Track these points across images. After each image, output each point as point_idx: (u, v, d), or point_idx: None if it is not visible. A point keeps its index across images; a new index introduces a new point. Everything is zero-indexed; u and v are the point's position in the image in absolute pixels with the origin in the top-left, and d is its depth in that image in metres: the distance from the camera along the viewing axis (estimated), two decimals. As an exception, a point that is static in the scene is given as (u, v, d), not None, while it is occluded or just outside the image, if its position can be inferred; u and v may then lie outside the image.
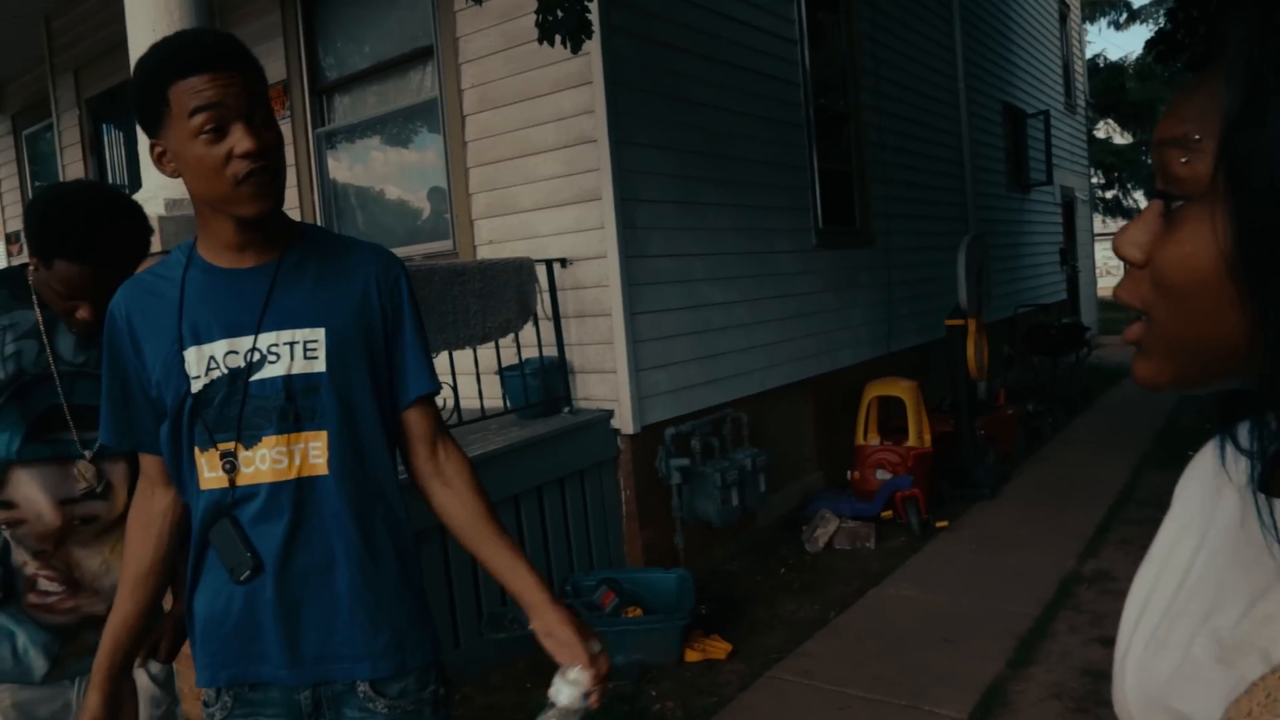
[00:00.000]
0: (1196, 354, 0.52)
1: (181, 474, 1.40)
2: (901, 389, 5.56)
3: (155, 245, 2.53)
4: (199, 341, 1.37)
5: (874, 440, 5.57)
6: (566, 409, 4.24)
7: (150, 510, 1.47)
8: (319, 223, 5.33)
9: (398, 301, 1.45)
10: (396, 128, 5.22)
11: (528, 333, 4.12)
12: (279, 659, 1.38)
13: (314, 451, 1.36)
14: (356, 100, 5.33)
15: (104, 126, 7.15)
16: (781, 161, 5.49)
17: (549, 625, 1.38)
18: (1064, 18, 13.03)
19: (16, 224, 8.36)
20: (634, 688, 3.33)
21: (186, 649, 1.90)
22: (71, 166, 7.34)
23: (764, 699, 3.27)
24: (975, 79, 8.66)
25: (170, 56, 1.29)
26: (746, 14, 5.17)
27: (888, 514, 5.19)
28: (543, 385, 4.14)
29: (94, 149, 7.14)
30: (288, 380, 1.35)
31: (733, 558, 4.81)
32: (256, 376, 1.35)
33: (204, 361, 1.36)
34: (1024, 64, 10.55)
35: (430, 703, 1.45)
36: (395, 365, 1.45)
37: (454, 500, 1.46)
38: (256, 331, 1.36)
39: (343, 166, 5.48)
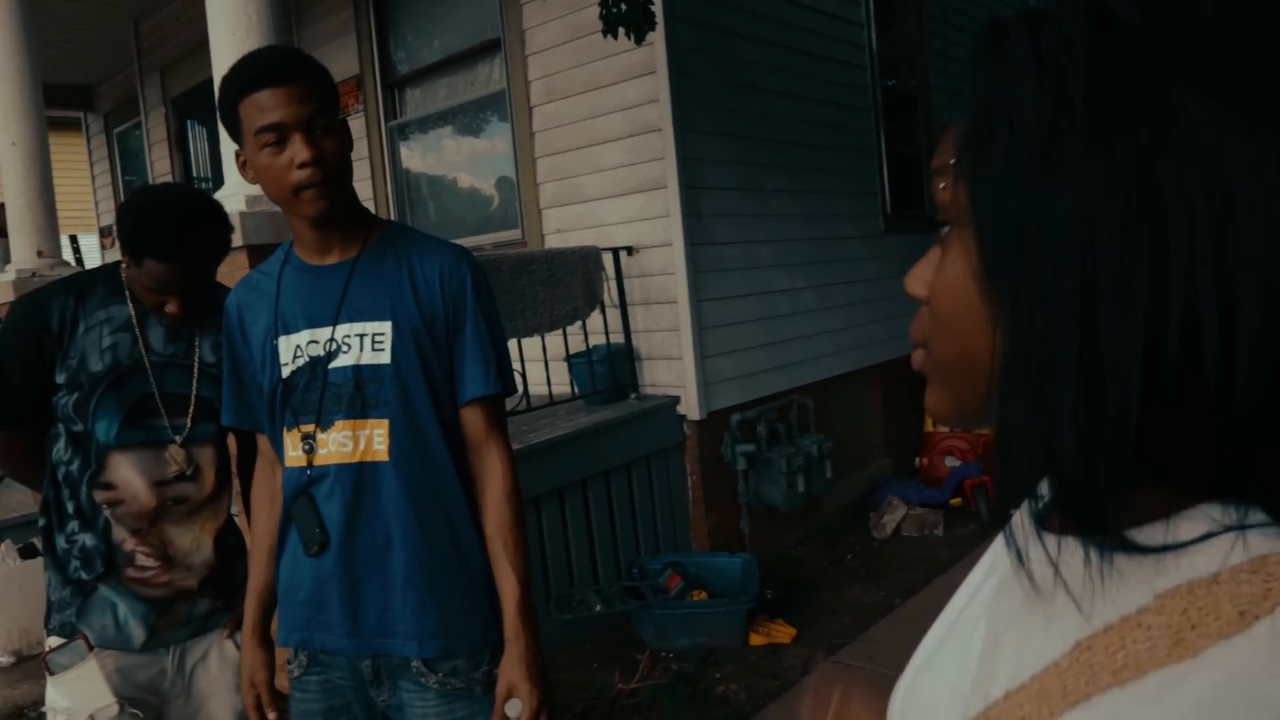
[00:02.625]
0: (968, 380, 0.50)
1: (277, 452, 1.55)
2: (971, 375, 5.47)
3: (236, 240, 2.65)
4: (287, 331, 1.51)
5: (943, 427, 5.51)
6: (633, 395, 4.30)
7: (272, 486, 1.63)
8: (392, 213, 5.48)
9: (461, 302, 1.51)
10: (466, 119, 5.33)
11: (595, 320, 4.18)
12: (340, 629, 1.50)
13: (377, 438, 1.47)
14: (427, 93, 5.45)
15: (188, 123, 7.43)
16: (848, 146, 5.44)
17: (506, 662, 1.48)
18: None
19: (109, 218, 8.75)
20: (698, 670, 3.38)
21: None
22: (158, 162, 7.65)
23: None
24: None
25: (237, 75, 1.42)
26: (812, -2, 5.13)
27: (956, 501, 5.14)
28: (610, 372, 4.20)
29: (179, 145, 7.43)
30: (356, 370, 1.47)
31: (798, 543, 4.82)
32: (333, 364, 1.47)
33: (291, 349, 1.50)
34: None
35: (482, 682, 1.52)
36: (455, 364, 1.52)
37: (483, 509, 1.53)
38: (334, 323, 1.47)
39: (414, 158, 5.62)
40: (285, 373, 1.50)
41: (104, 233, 8.88)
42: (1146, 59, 0.40)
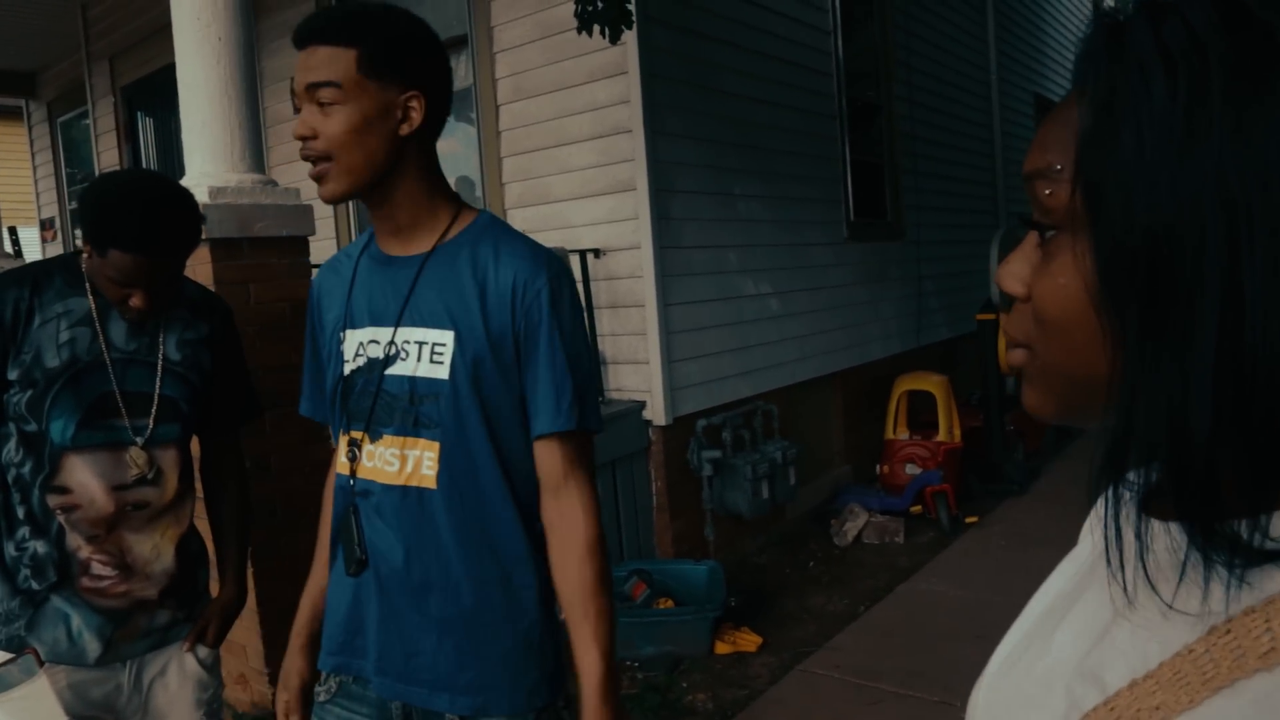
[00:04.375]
0: (1077, 387, 0.50)
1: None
2: (932, 383, 5.53)
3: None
4: (354, 325, 1.37)
5: (904, 434, 5.54)
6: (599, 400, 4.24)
7: None
8: (351, 210, 5.36)
9: (535, 318, 1.29)
10: (429, 117, 5.22)
11: (560, 323, 4.12)
12: (372, 662, 1.36)
13: (426, 462, 1.30)
14: (389, 89, 5.33)
15: (139, 114, 7.20)
16: (814, 153, 5.45)
17: None
18: (1098, 5, 12.85)
19: (51, 210, 8.46)
20: (666, 679, 3.34)
21: (230, 637, 1.93)
22: (106, 154, 7.41)
23: (795, 692, 3.27)
24: (1008, 70, 8.55)
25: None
26: (782, 4, 5.13)
27: (917, 509, 5.17)
28: (575, 376, 4.13)
29: (129, 137, 7.20)
30: (413, 381, 1.30)
31: (762, 550, 4.80)
32: (391, 371, 1.32)
33: (354, 346, 1.36)
34: (1056, 55, 10.41)
35: None
36: (526, 393, 1.31)
37: (557, 564, 1.33)
38: (396, 324, 1.32)
39: (375, 155, 5.49)
40: (346, 370, 1.36)
41: (45, 225, 8.57)
42: None
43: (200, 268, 2.70)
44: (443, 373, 1.29)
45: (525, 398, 1.31)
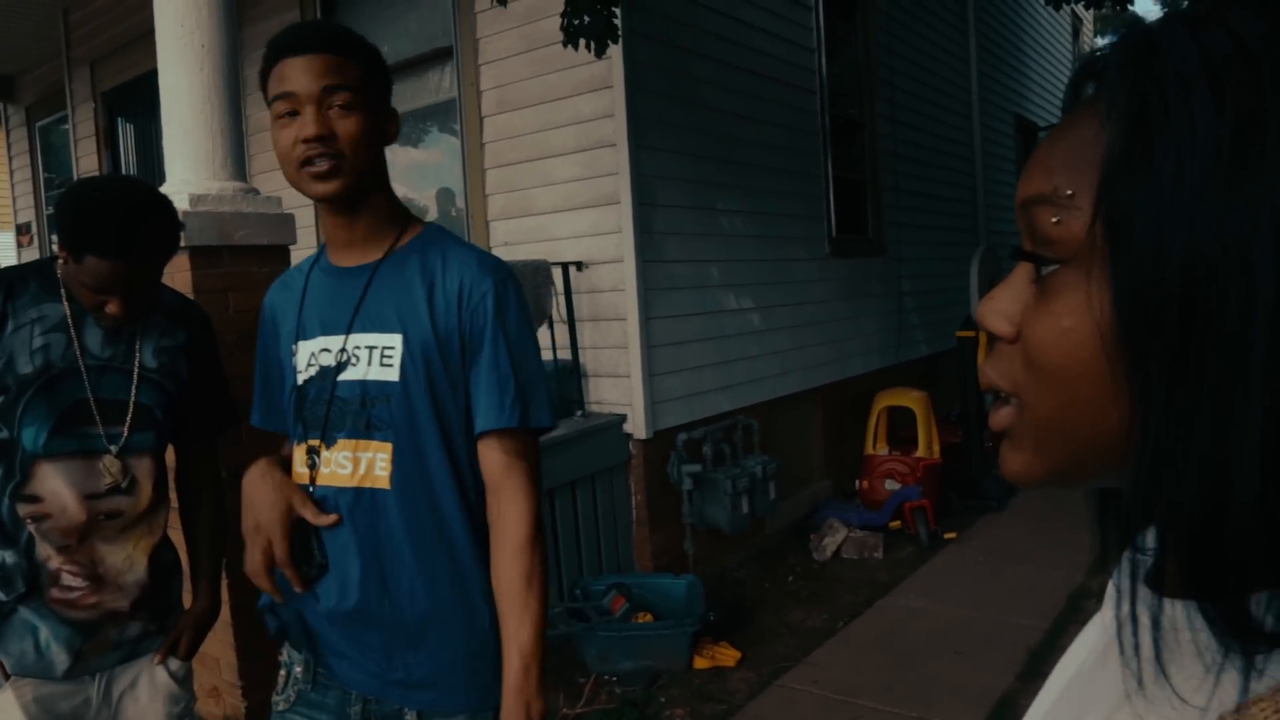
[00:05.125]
0: (1075, 446, 0.44)
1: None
2: (912, 399, 5.55)
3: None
4: (305, 336, 1.41)
5: (883, 450, 5.56)
6: (579, 412, 4.23)
7: None
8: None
9: (480, 321, 1.34)
10: (414, 127, 5.22)
11: (542, 335, 4.11)
12: (337, 661, 1.40)
13: (379, 463, 1.34)
14: (373, 99, 5.32)
15: (119, 120, 7.15)
16: (797, 169, 5.48)
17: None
18: (1077, 32, 13.02)
19: (28, 215, 8.36)
20: (644, 694, 3.32)
21: (202, 649, 1.90)
22: (85, 159, 7.34)
23: (773, 708, 3.25)
24: (988, 90, 8.65)
25: (270, 44, 1.35)
26: (766, 21, 5.16)
27: (896, 524, 5.18)
28: (556, 388, 4.13)
29: (109, 143, 7.14)
30: (364, 385, 1.35)
31: (741, 565, 4.80)
32: (343, 377, 1.36)
33: (306, 357, 1.40)
34: (1036, 77, 10.54)
35: None
36: (470, 392, 1.36)
37: (496, 558, 1.35)
38: (347, 331, 1.37)
39: (358, 165, 5.47)
40: (299, 380, 1.41)
41: (20, 230, 8.47)
42: None
43: (179, 275, 2.67)
44: (393, 375, 1.33)
45: (470, 397, 1.36)
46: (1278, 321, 0.36)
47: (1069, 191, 0.43)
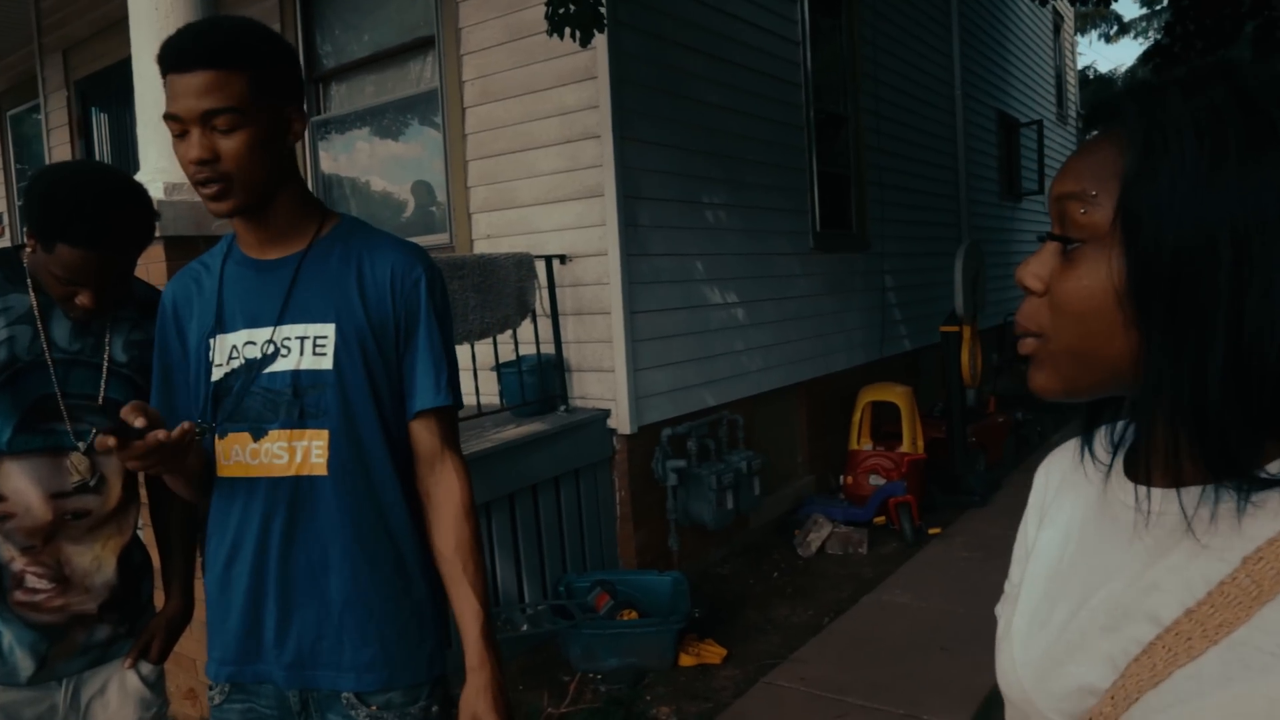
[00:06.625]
0: (1086, 366, 0.63)
1: (210, 461, 1.42)
2: (896, 394, 5.54)
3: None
4: (224, 330, 1.39)
5: (867, 445, 5.55)
6: (563, 407, 4.18)
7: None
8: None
9: (413, 305, 1.40)
10: (394, 118, 5.15)
11: (525, 329, 4.05)
12: (272, 656, 1.39)
13: (315, 450, 1.36)
14: (354, 89, 5.25)
15: (93, 109, 7.01)
16: (781, 163, 5.45)
17: (470, 692, 1.37)
18: (1058, 29, 13.06)
19: (-1, 206, 8.21)
20: (630, 692, 3.28)
21: (177, 650, 1.84)
22: (58, 149, 7.21)
23: (760, 705, 3.22)
24: (971, 86, 8.65)
25: (159, 53, 1.31)
26: (751, 13, 5.12)
27: (880, 520, 5.16)
28: (539, 383, 4.08)
29: (82, 131, 7.01)
30: (296, 375, 1.36)
31: (725, 561, 4.77)
32: (269, 369, 1.36)
33: (226, 350, 1.38)
34: (1019, 73, 10.56)
35: (417, 718, 1.42)
36: (405, 374, 1.41)
37: (437, 528, 1.42)
38: (276, 324, 1.36)
39: (338, 156, 5.40)
40: (217, 375, 1.39)
41: (-8, 220, 8.31)
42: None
43: (154, 266, 2.60)
44: (326, 363, 1.35)
45: (404, 379, 1.41)
46: (1236, 286, 0.55)
47: (1094, 192, 0.61)
